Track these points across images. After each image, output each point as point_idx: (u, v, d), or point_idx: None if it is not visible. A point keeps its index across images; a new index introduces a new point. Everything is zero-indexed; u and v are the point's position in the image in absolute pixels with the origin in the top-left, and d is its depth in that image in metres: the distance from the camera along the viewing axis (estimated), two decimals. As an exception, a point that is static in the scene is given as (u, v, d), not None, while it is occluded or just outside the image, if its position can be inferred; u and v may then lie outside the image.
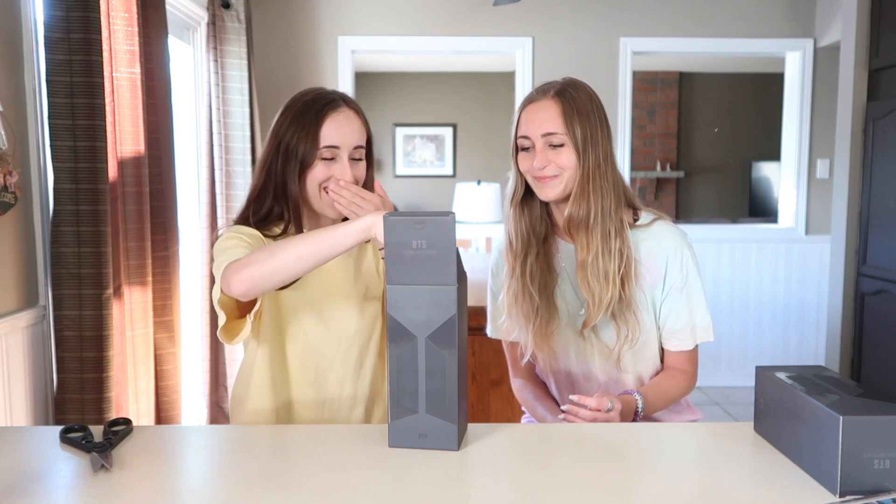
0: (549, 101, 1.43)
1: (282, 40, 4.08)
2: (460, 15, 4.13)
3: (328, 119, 1.35)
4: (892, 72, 3.23)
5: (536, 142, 1.43)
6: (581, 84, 1.47)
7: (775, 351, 4.40)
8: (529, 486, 1.00)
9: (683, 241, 1.49)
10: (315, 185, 1.36)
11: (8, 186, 1.73)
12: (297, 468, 1.06)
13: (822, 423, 0.97)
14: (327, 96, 1.39)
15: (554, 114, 1.42)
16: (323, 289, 1.41)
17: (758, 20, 4.19)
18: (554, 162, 1.42)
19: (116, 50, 2.13)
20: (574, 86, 1.46)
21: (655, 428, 1.29)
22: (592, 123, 1.42)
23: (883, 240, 3.24)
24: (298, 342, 1.41)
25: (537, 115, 1.44)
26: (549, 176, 1.43)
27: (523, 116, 1.46)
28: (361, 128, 1.40)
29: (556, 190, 1.44)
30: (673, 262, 1.47)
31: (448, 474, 1.03)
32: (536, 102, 1.45)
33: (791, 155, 4.40)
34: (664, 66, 7.35)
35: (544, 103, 1.44)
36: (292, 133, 1.34)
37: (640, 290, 1.46)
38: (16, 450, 1.13)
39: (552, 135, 1.42)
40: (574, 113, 1.41)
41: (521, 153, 1.47)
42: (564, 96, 1.43)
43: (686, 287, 1.47)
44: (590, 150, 1.41)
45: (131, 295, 2.21)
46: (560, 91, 1.44)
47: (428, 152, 7.81)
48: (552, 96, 1.43)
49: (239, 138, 3.30)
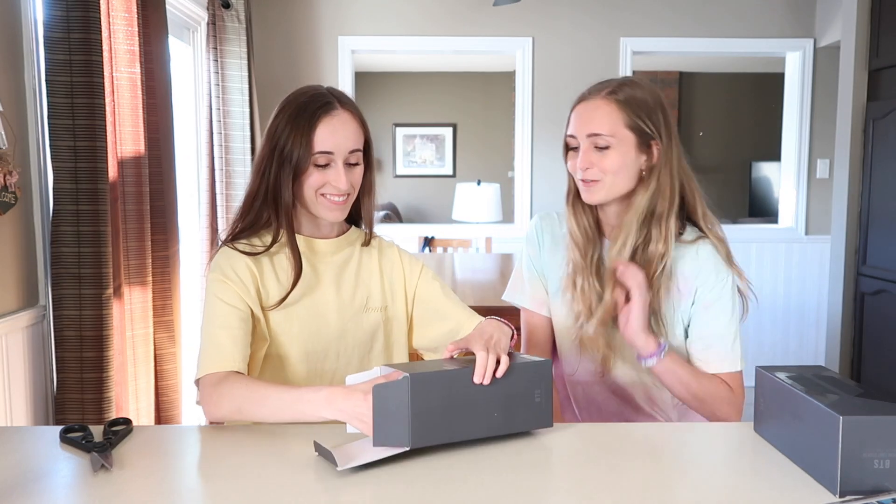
0: (601, 100, 1.37)
1: (282, 40, 4.08)
2: (460, 15, 4.13)
3: (321, 123, 1.29)
4: (892, 72, 3.23)
5: (582, 142, 1.39)
6: (641, 83, 1.40)
7: (775, 351, 4.40)
8: (526, 486, 1.00)
9: (725, 268, 1.40)
10: (312, 191, 1.32)
11: (8, 186, 1.73)
12: (297, 468, 1.05)
13: (822, 423, 0.97)
14: (322, 98, 1.32)
15: (602, 113, 1.36)
16: (316, 309, 1.37)
17: (758, 20, 4.19)
18: (597, 165, 1.37)
19: (116, 50, 2.13)
20: (632, 84, 1.39)
21: (655, 428, 1.29)
22: (654, 120, 1.37)
23: (883, 240, 3.24)
24: (295, 362, 1.37)
25: (586, 114, 1.38)
26: (591, 180, 1.39)
27: (573, 114, 1.41)
28: (357, 130, 1.34)
29: (599, 195, 1.39)
30: (706, 282, 1.40)
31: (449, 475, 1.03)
32: (587, 101, 1.39)
33: (791, 155, 4.40)
34: (664, 66, 7.34)
35: (595, 102, 1.38)
36: (286, 137, 1.29)
37: (672, 305, 1.41)
38: (16, 450, 1.13)
39: (597, 136, 1.36)
40: (628, 110, 1.35)
41: (569, 152, 1.43)
42: (618, 94, 1.37)
43: (718, 307, 1.39)
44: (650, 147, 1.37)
45: (131, 295, 2.21)
46: (614, 89, 1.38)
47: (428, 152, 7.81)
48: (604, 96, 1.37)
49: (239, 138, 3.30)
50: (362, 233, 1.48)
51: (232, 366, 1.26)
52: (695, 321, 1.41)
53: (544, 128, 4.27)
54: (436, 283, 1.47)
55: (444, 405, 1.09)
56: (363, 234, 1.47)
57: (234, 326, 1.29)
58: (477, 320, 1.41)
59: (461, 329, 1.40)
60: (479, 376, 1.11)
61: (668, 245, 1.38)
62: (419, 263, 1.49)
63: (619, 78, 1.41)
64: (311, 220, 1.40)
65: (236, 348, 1.27)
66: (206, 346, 1.28)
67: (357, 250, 1.45)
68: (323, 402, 1.13)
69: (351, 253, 1.44)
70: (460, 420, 1.11)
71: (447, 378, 1.10)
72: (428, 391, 1.08)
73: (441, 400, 1.09)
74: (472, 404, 1.11)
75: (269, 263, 1.36)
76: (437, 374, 1.10)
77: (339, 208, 1.35)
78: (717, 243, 1.41)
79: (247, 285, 1.32)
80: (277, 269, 1.36)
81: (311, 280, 1.37)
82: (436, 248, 4.48)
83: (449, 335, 1.41)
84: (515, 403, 1.15)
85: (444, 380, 1.10)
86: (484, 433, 1.13)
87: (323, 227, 1.41)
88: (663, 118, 1.39)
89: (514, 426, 1.15)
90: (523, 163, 4.31)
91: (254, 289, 1.33)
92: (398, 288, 1.46)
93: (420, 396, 1.07)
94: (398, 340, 1.46)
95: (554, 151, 4.29)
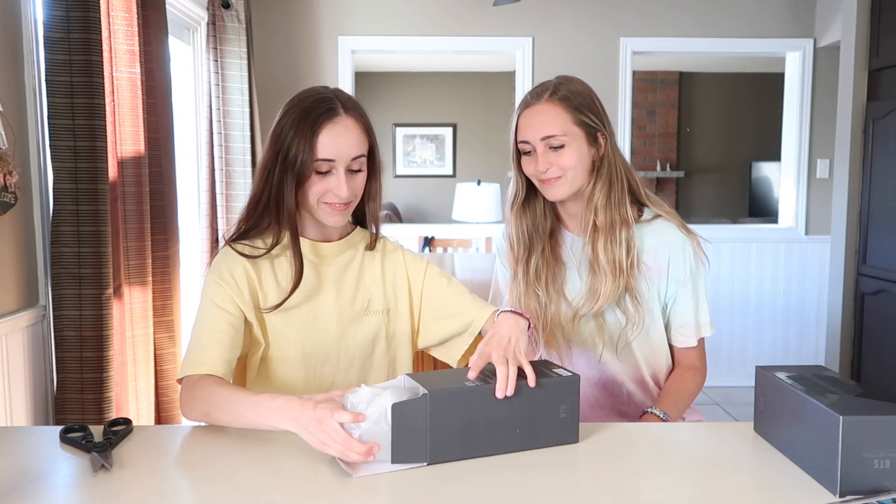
0: (545, 104, 1.45)
1: (282, 40, 4.08)
2: (460, 15, 4.13)
3: (324, 130, 1.27)
4: (892, 72, 3.23)
5: (537, 146, 1.45)
6: (574, 78, 1.49)
7: (775, 351, 4.40)
8: (527, 487, 1.00)
9: (686, 238, 1.51)
10: (314, 198, 1.31)
11: (8, 186, 1.73)
12: (297, 468, 1.05)
13: (822, 423, 0.97)
14: (326, 103, 1.29)
15: (550, 116, 1.44)
16: (315, 312, 1.36)
17: (758, 20, 4.19)
18: (556, 164, 1.44)
19: (116, 50, 2.13)
20: (567, 81, 1.47)
21: (655, 428, 1.29)
22: (595, 113, 1.46)
23: (883, 240, 3.24)
24: (294, 365, 1.36)
25: (534, 118, 1.46)
26: (553, 177, 1.45)
27: (521, 121, 1.48)
28: (361, 136, 1.31)
29: (562, 189, 1.46)
30: (676, 258, 1.50)
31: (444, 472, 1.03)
32: (532, 106, 1.47)
33: (791, 155, 4.40)
34: (664, 66, 7.35)
35: (540, 107, 1.45)
36: (290, 141, 1.28)
37: (645, 281, 1.49)
38: (16, 450, 1.13)
39: (551, 137, 1.44)
40: (572, 108, 1.44)
41: (523, 157, 1.49)
42: (559, 94, 1.45)
43: (690, 282, 1.51)
44: (596, 139, 1.46)
45: (131, 295, 2.21)
46: (554, 90, 1.45)
47: (428, 152, 7.81)
48: (547, 99, 1.45)
49: (239, 138, 3.30)
50: (367, 234, 1.46)
51: (210, 370, 1.26)
52: (674, 299, 1.52)
53: (544, 128, 4.26)
54: (442, 279, 1.47)
55: (464, 422, 1.07)
56: (367, 234, 1.45)
57: (221, 330, 1.29)
58: (489, 311, 1.39)
59: (472, 325, 1.39)
60: (500, 391, 1.09)
61: (630, 228, 1.47)
62: (423, 261, 1.48)
63: (552, 80, 1.49)
64: (315, 224, 1.38)
65: (219, 352, 1.28)
66: (191, 348, 1.29)
67: (360, 253, 1.43)
68: (278, 412, 1.10)
69: (353, 255, 1.42)
70: (481, 436, 1.09)
71: (468, 395, 1.08)
72: (448, 408, 1.06)
73: (461, 416, 1.07)
74: (494, 420, 1.09)
75: (269, 266, 1.35)
76: (457, 391, 1.08)
77: (341, 213, 1.33)
78: (672, 217, 1.52)
79: (241, 289, 1.32)
80: (278, 272, 1.35)
81: (312, 283, 1.37)
82: (436, 248, 4.48)
83: (459, 332, 1.41)
84: (539, 419, 1.13)
85: (464, 397, 1.08)
86: (505, 449, 1.11)
87: (327, 230, 1.40)
88: (602, 109, 1.48)
89: (536, 442, 1.13)
90: (523, 163, 4.30)
91: (249, 293, 1.33)
92: (402, 290, 1.44)
93: (440, 413, 1.05)
94: (401, 344, 1.44)
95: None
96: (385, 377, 1.43)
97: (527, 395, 1.11)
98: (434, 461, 1.06)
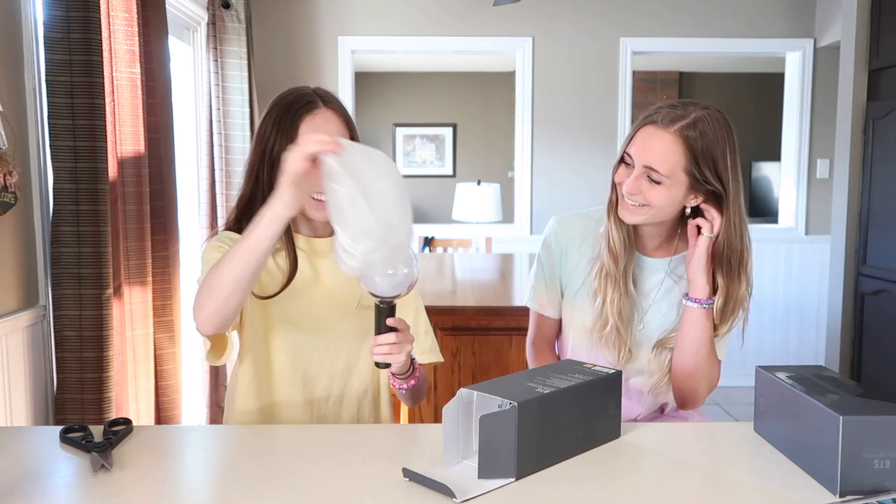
0: (670, 135, 1.33)
1: (282, 40, 4.08)
2: (460, 15, 4.13)
3: (303, 122, 1.30)
4: (892, 72, 3.23)
5: (637, 167, 1.36)
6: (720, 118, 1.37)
7: (775, 351, 4.40)
8: (520, 485, 1.00)
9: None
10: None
11: (8, 186, 1.73)
12: (297, 468, 1.05)
13: (822, 423, 0.97)
14: (305, 98, 1.33)
15: (666, 151, 1.33)
16: (311, 299, 1.38)
17: (758, 20, 4.19)
18: (644, 194, 1.36)
19: (116, 50, 2.13)
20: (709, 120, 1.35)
21: (655, 428, 1.29)
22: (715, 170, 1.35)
23: (883, 240, 3.24)
24: (285, 351, 1.38)
25: (650, 142, 1.35)
26: (636, 205, 1.39)
27: (638, 135, 1.38)
28: (341, 127, 1.33)
29: (638, 218, 1.40)
30: None
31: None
32: (656, 128, 1.35)
33: (791, 155, 4.40)
34: (664, 66, 7.34)
35: (663, 135, 1.34)
36: (273, 138, 1.30)
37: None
38: (16, 450, 1.13)
39: (653, 171, 1.34)
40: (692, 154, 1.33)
41: (621, 164, 1.42)
42: (690, 132, 1.33)
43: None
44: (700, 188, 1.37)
45: (131, 295, 2.21)
46: (687, 126, 1.33)
47: (428, 152, 7.81)
48: (675, 131, 1.33)
49: (239, 138, 3.30)
50: None
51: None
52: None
53: (544, 128, 4.27)
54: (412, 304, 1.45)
55: (542, 429, 1.04)
56: None
57: None
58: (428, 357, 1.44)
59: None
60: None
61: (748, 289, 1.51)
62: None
63: (697, 107, 1.36)
64: (306, 221, 1.40)
65: None
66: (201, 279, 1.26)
67: None
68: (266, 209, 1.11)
69: None
70: (555, 442, 1.07)
71: (547, 400, 1.05)
72: (531, 417, 1.02)
73: (540, 424, 1.04)
74: (563, 424, 1.08)
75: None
76: (541, 398, 1.04)
77: (325, 207, 1.34)
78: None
79: None
80: (275, 262, 1.36)
81: (307, 274, 1.38)
82: (436, 248, 4.48)
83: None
84: (594, 418, 1.13)
85: (545, 402, 1.04)
86: (572, 453, 1.09)
87: (318, 226, 1.40)
88: (728, 167, 1.36)
89: (593, 442, 1.12)
90: (523, 163, 4.31)
91: None
92: None
93: (525, 423, 1.01)
94: None
95: (554, 151, 4.30)
96: (370, 371, 1.45)
97: (583, 394, 1.10)
98: (521, 475, 1.01)
